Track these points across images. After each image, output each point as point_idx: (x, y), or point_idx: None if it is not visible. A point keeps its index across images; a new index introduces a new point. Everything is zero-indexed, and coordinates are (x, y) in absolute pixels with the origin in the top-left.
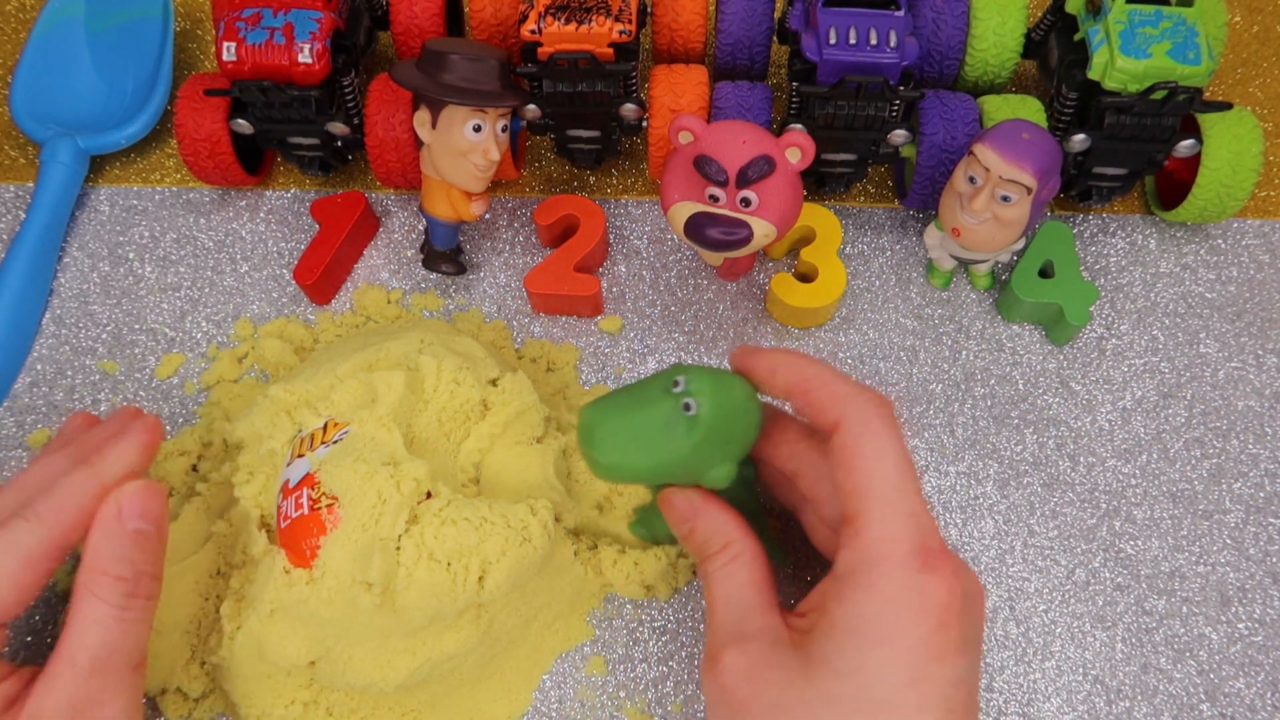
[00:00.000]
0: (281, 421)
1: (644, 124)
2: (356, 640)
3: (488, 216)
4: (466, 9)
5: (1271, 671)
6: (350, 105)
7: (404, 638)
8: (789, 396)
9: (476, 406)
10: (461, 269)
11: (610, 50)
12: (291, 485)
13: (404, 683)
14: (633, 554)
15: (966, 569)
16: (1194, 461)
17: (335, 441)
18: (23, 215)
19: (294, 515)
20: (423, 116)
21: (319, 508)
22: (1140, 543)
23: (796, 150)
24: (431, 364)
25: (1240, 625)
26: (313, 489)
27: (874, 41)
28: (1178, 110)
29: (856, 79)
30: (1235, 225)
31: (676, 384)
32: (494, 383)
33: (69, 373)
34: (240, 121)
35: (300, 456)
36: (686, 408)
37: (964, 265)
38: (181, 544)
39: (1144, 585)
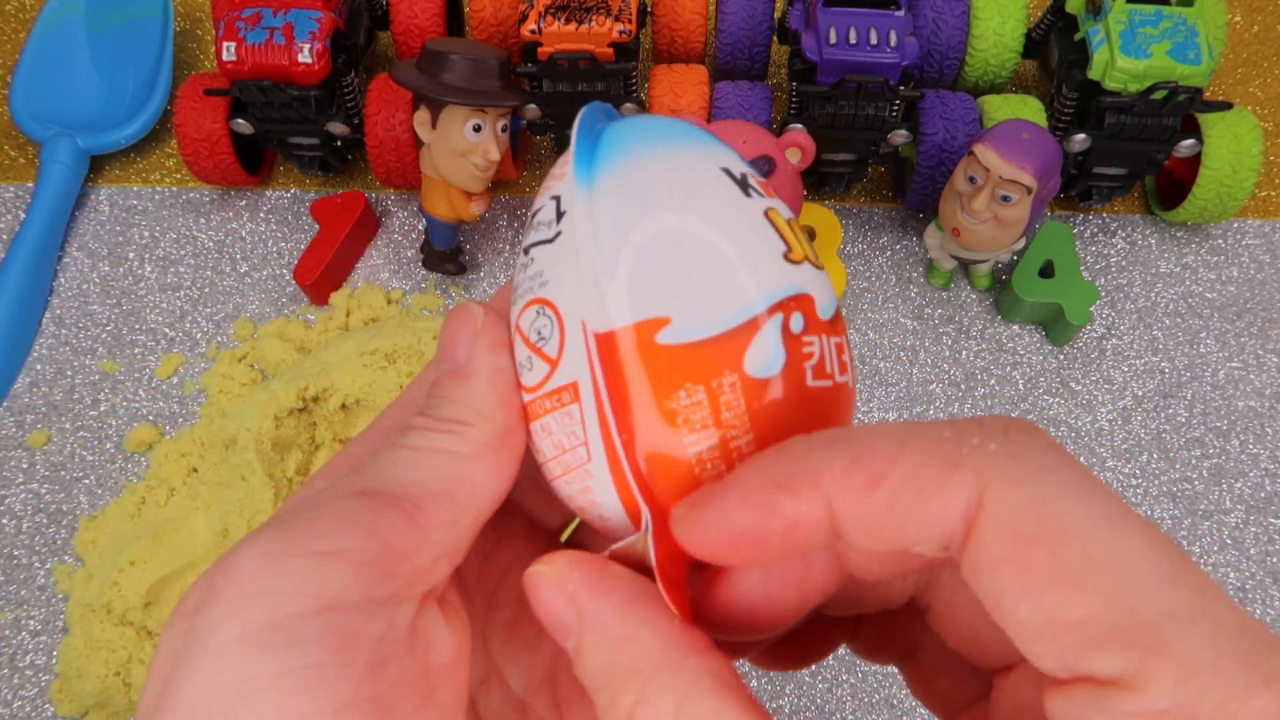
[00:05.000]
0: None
1: None
2: None
3: (487, 216)
4: (466, 9)
5: None
6: (350, 105)
7: None
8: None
9: None
10: (461, 269)
11: (610, 50)
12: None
13: None
14: None
15: None
16: (1194, 461)
17: None
18: (23, 215)
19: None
20: (423, 116)
21: None
22: None
23: (796, 150)
24: None
25: None
26: None
27: (874, 41)
28: (1178, 110)
29: (856, 79)
30: (1235, 225)
31: None
32: None
33: (69, 373)
34: (240, 121)
35: None
36: None
37: (964, 265)
38: (186, 548)
39: None
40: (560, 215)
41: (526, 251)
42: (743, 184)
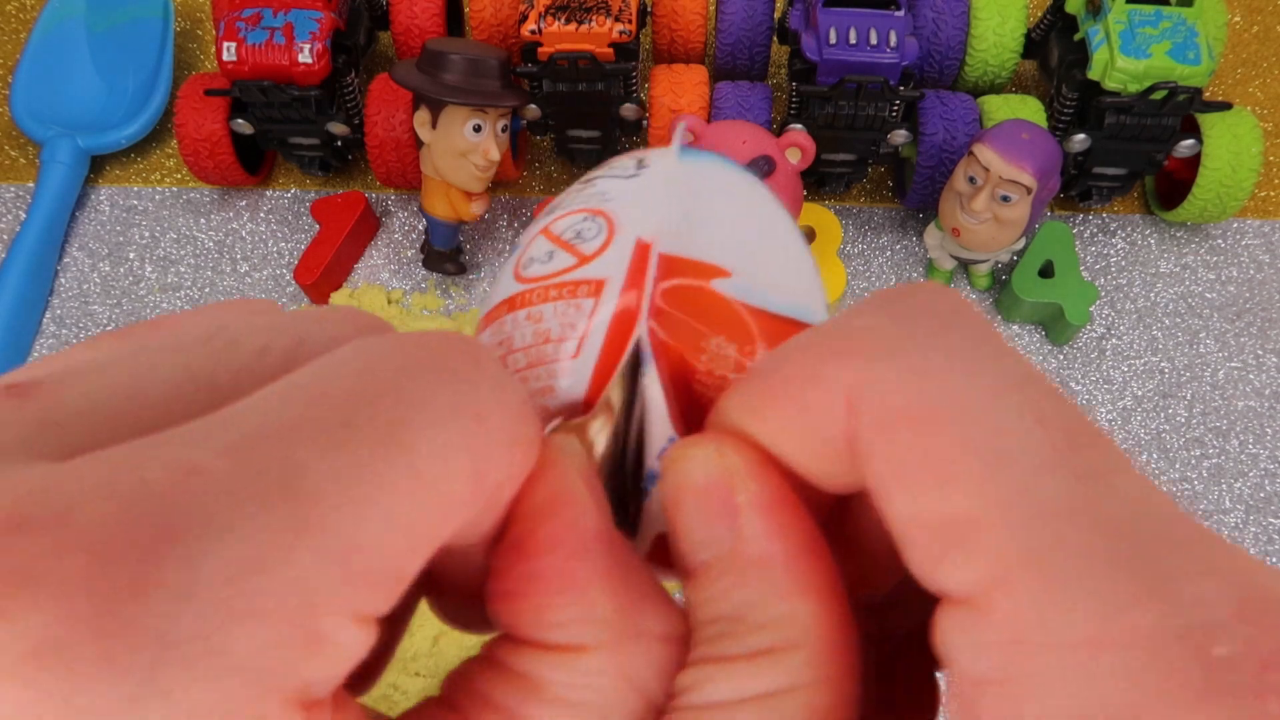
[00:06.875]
0: None
1: (644, 124)
2: None
3: (487, 216)
4: (466, 9)
5: None
6: (350, 105)
7: None
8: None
9: None
10: (462, 269)
11: (610, 50)
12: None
13: None
14: None
15: None
16: (1194, 461)
17: None
18: (23, 215)
19: None
20: (423, 116)
21: None
22: None
23: (796, 150)
24: None
25: None
26: None
27: (874, 41)
28: (1178, 110)
29: (856, 79)
30: (1235, 225)
31: None
32: None
33: None
34: (240, 121)
35: None
36: None
37: (964, 265)
38: None
39: None
40: (641, 166)
41: (588, 181)
42: None
